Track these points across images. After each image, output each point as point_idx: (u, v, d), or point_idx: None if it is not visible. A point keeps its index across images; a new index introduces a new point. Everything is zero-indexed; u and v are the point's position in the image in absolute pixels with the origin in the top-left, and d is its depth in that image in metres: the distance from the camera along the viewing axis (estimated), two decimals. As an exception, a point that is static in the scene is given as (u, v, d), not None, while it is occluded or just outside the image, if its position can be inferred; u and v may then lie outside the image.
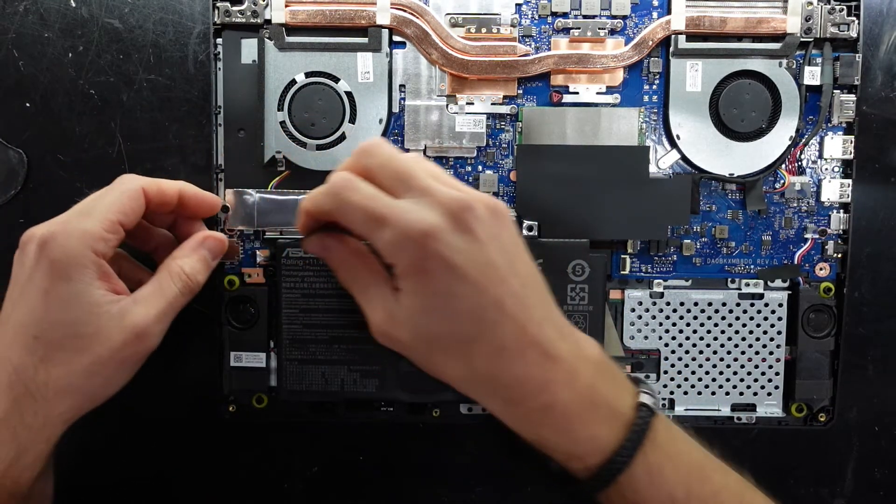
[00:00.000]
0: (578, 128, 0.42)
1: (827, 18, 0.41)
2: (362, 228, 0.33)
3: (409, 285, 0.33)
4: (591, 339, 0.35)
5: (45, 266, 0.33)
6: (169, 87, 0.42)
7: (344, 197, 0.33)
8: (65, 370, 0.34)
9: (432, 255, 0.32)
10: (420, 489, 0.44)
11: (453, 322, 0.33)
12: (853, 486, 0.44)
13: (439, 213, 0.32)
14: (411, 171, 0.33)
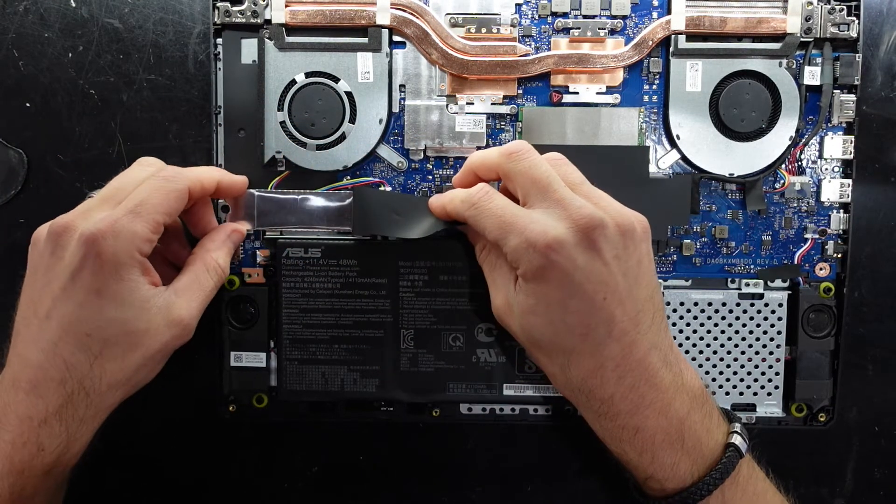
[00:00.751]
0: (578, 128, 0.42)
1: (827, 18, 0.41)
2: (493, 235, 0.35)
3: (526, 286, 0.34)
4: (695, 371, 0.36)
5: (94, 265, 0.33)
6: (169, 87, 0.42)
7: (480, 206, 0.36)
8: (118, 365, 0.34)
9: (552, 265, 0.33)
10: (420, 489, 0.44)
11: (559, 331, 0.34)
12: (853, 486, 0.44)
13: (567, 227, 0.33)
14: (549, 181, 0.35)
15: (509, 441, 0.44)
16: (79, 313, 0.33)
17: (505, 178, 0.36)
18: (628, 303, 0.34)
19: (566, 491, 0.44)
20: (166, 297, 0.35)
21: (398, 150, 0.43)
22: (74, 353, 0.34)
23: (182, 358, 0.43)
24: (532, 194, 0.35)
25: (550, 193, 0.34)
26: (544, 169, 0.35)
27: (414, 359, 0.42)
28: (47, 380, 0.33)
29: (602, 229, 0.33)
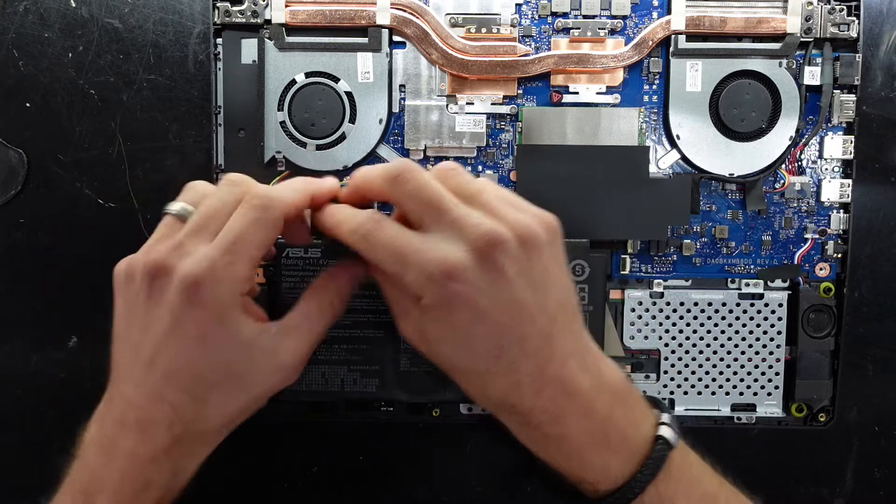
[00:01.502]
0: (578, 128, 0.42)
1: (827, 18, 0.41)
2: (389, 268, 0.33)
3: (432, 316, 0.32)
4: (615, 365, 0.34)
5: (197, 312, 0.32)
6: (169, 87, 0.42)
7: (371, 237, 0.33)
8: (224, 409, 0.34)
9: (455, 295, 0.31)
10: (420, 489, 0.44)
11: (471, 356, 0.33)
12: (853, 486, 0.44)
13: (464, 250, 0.31)
14: (439, 201, 0.32)
15: (509, 441, 0.44)
16: (183, 360, 0.32)
17: (393, 203, 0.34)
18: (539, 317, 0.32)
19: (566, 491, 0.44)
20: (273, 338, 0.34)
21: (398, 150, 0.43)
22: (181, 399, 0.33)
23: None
24: (425, 217, 0.32)
25: (443, 214, 0.32)
26: (433, 188, 0.32)
27: (414, 359, 0.42)
28: (154, 422, 0.33)
29: (501, 246, 0.31)
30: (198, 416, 0.33)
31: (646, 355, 0.44)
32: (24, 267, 0.43)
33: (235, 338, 0.33)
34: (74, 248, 0.43)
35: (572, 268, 0.41)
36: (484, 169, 0.43)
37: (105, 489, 0.33)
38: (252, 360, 0.33)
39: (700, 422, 0.44)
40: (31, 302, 0.43)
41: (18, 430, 0.43)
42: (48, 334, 0.43)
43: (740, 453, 0.44)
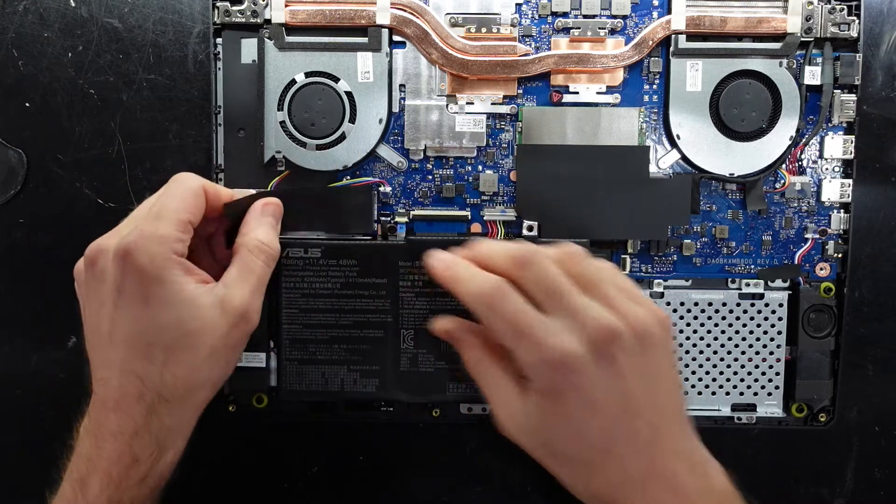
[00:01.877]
0: (578, 128, 0.42)
1: (827, 18, 0.41)
2: (505, 339, 0.34)
3: (540, 402, 0.33)
4: (720, 468, 0.34)
5: (134, 275, 0.34)
6: (169, 87, 0.42)
7: (493, 307, 0.34)
8: (187, 367, 0.35)
9: (569, 384, 0.32)
10: (420, 489, 0.44)
11: (580, 448, 0.33)
12: (853, 486, 0.44)
13: (582, 342, 0.32)
14: (560, 290, 0.33)
15: (509, 441, 0.44)
16: (135, 326, 0.34)
17: (515, 283, 0.34)
18: (648, 411, 0.33)
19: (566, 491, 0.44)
20: (217, 291, 0.35)
21: (398, 149, 0.43)
22: (143, 366, 0.34)
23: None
24: (545, 302, 0.33)
25: (563, 301, 0.33)
26: (553, 277, 0.34)
27: (414, 359, 0.42)
28: (127, 396, 0.34)
29: (618, 340, 0.32)
30: (163, 381, 0.34)
31: (646, 355, 0.44)
32: (24, 267, 0.43)
33: (178, 294, 0.34)
34: (74, 248, 0.42)
35: None
36: (484, 169, 0.43)
37: (97, 471, 0.34)
38: (200, 313, 0.34)
39: (700, 422, 0.43)
40: (31, 302, 0.43)
41: (18, 430, 0.44)
42: (48, 334, 0.43)
43: (740, 453, 0.44)
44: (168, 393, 0.34)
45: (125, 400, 0.34)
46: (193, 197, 0.36)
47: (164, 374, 0.34)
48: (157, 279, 0.34)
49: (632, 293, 0.34)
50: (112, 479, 0.34)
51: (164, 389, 0.34)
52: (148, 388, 0.34)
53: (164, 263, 0.34)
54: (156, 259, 0.34)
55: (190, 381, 0.35)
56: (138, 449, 0.34)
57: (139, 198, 0.42)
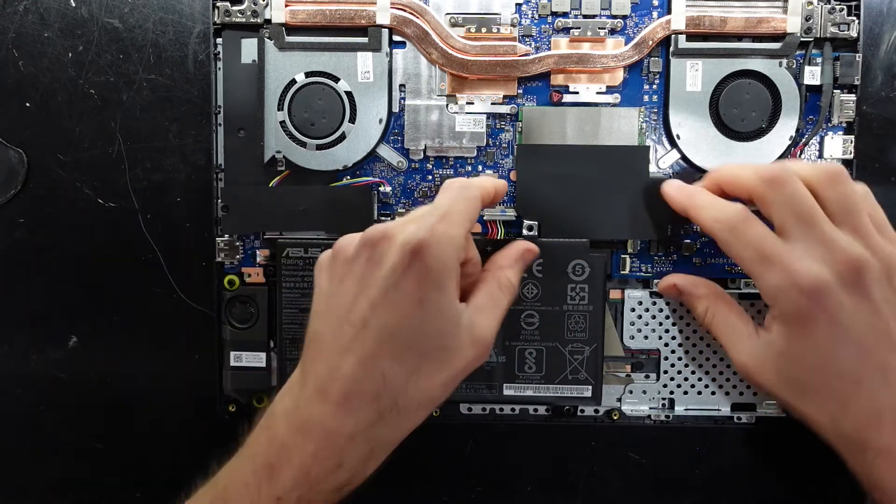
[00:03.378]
0: (578, 128, 0.42)
1: (827, 18, 0.41)
2: (748, 264, 0.33)
3: (786, 331, 0.33)
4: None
5: (419, 273, 0.32)
6: (169, 87, 0.42)
7: (738, 232, 0.34)
8: (429, 383, 0.33)
9: (819, 309, 0.32)
10: (420, 489, 0.44)
11: (829, 379, 0.32)
12: (853, 486, 0.44)
13: (832, 269, 0.32)
14: (813, 216, 0.33)
15: (509, 441, 0.44)
16: (400, 324, 0.32)
17: (760, 203, 0.34)
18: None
19: (566, 491, 0.44)
20: (469, 315, 0.34)
21: (398, 149, 0.43)
22: (391, 366, 0.32)
23: (182, 358, 0.43)
24: (793, 228, 0.33)
25: (813, 229, 0.33)
26: (808, 202, 0.33)
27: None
28: (362, 393, 0.32)
29: (868, 272, 0.32)
30: (405, 389, 0.32)
31: (646, 355, 0.44)
32: (24, 267, 0.43)
33: (447, 307, 0.33)
34: (74, 248, 0.43)
35: (572, 268, 0.41)
36: (484, 169, 0.43)
37: (293, 464, 0.32)
38: (458, 333, 0.33)
39: (700, 422, 0.44)
40: (31, 302, 0.43)
41: (18, 430, 0.43)
42: (48, 334, 0.43)
43: (740, 453, 0.44)
44: (404, 402, 0.32)
45: (357, 397, 0.32)
46: (475, 208, 0.35)
47: (409, 382, 0.32)
48: (438, 284, 0.32)
49: (884, 228, 0.34)
50: (309, 478, 0.32)
51: (401, 398, 0.32)
52: (387, 390, 0.32)
53: (450, 270, 0.32)
54: (444, 263, 0.32)
55: (427, 397, 0.33)
56: (349, 454, 0.32)
57: (139, 198, 0.42)
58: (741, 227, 0.34)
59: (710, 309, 0.37)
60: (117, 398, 0.43)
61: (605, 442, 0.44)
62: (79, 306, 0.43)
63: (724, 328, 0.36)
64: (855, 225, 0.33)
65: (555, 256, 0.41)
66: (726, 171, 0.37)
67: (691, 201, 0.37)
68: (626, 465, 0.44)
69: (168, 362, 0.43)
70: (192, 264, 0.43)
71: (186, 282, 0.43)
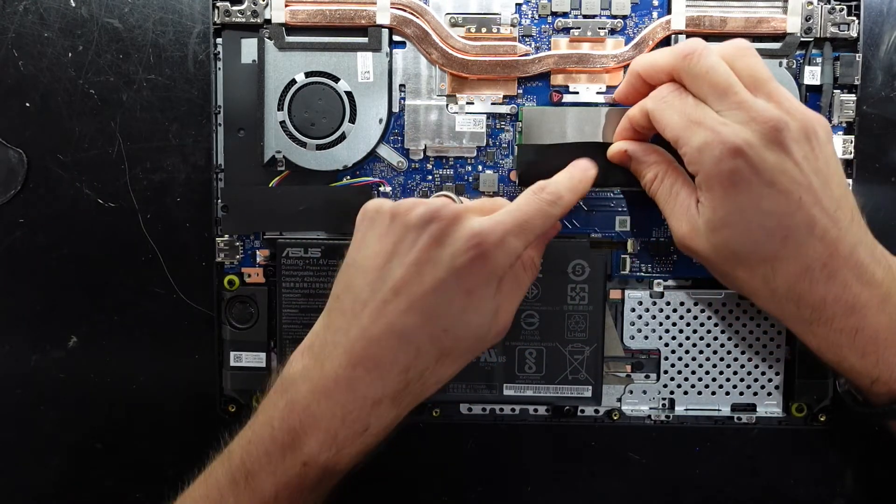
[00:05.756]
0: (578, 127, 0.42)
1: (827, 18, 0.41)
2: (676, 130, 0.34)
3: (713, 196, 0.33)
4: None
5: (477, 268, 0.33)
6: (169, 87, 0.42)
7: (668, 100, 0.35)
8: (455, 366, 0.34)
9: (742, 167, 0.32)
10: (420, 489, 0.44)
11: (758, 238, 0.33)
12: (853, 486, 0.44)
13: (753, 130, 0.32)
14: (728, 83, 0.34)
15: (509, 441, 0.44)
16: (445, 309, 0.32)
17: (680, 79, 0.35)
18: (825, 201, 0.33)
19: (566, 491, 0.44)
20: (498, 301, 0.34)
21: (398, 149, 0.43)
22: (427, 345, 0.33)
23: (182, 358, 0.43)
24: (710, 97, 0.34)
25: (731, 97, 0.33)
26: (723, 71, 0.34)
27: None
28: (394, 364, 0.32)
29: (787, 130, 0.33)
30: (433, 367, 0.33)
31: (646, 355, 0.44)
32: (24, 267, 0.43)
33: (490, 303, 0.33)
34: (74, 248, 0.43)
35: (572, 268, 0.41)
36: (484, 169, 0.43)
37: (319, 428, 0.32)
38: (491, 324, 0.34)
39: (700, 422, 0.44)
40: (31, 302, 0.43)
41: (18, 430, 0.43)
42: (48, 334, 0.43)
43: (740, 453, 0.44)
44: (427, 379, 0.33)
45: (388, 366, 0.32)
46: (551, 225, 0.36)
47: (438, 363, 0.33)
48: (489, 282, 0.33)
49: (793, 98, 0.35)
50: (336, 442, 0.32)
51: (427, 374, 0.33)
52: (417, 365, 0.33)
53: (503, 272, 0.33)
54: (503, 266, 0.33)
55: (448, 375, 0.34)
56: (374, 418, 0.33)
57: (139, 198, 0.42)
58: (670, 96, 0.35)
59: (660, 176, 0.37)
60: (117, 398, 0.43)
61: (605, 442, 0.44)
62: (79, 306, 0.43)
63: (669, 197, 0.36)
64: (769, 91, 0.34)
65: (555, 256, 0.41)
66: (642, 59, 0.38)
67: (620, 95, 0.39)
68: (626, 465, 0.44)
69: (168, 362, 0.43)
70: (192, 264, 0.43)
71: (186, 282, 0.43)
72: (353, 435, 0.32)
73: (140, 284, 0.43)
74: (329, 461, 0.32)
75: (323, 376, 0.33)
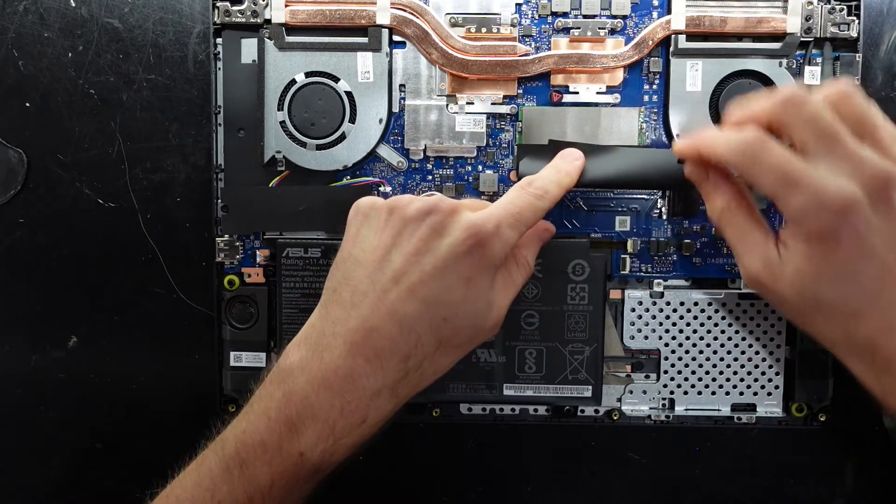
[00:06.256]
0: (578, 127, 0.42)
1: (827, 18, 0.41)
2: (771, 188, 0.32)
3: (808, 249, 0.32)
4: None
5: (476, 256, 0.33)
6: (169, 87, 0.42)
7: (757, 157, 0.32)
8: (453, 356, 0.34)
9: (845, 227, 0.31)
10: (420, 489, 0.44)
11: (847, 294, 0.32)
12: (853, 486, 0.44)
13: (859, 186, 0.31)
14: (835, 133, 0.32)
15: (509, 441, 0.44)
16: (445, 296, 0.33)
17: (779, 126, 0.33)
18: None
19: (566, 491, 0.44)
20: (493, 296, 0.35)
21: (398, 149, 0.43)
22: (427, 334, 0.33)
23: (182, 358, 0.43)
24: (815, 146, 0.32)
25: (837, 147, 0.31)
26: (828, 119, 0.32)
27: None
28: (394, 353, 0.32)
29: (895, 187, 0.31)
30: (432, 357, 0.33)
31: (646, 355, 0.44)
32: (24, 267, 0.43)
33: (488, 293, 0.34)
34: (74, 248, 0.43)
35: (572, 268, 0.41)
36: (484, 169, 0.43)
37: (317, 419, 0.32)
38: (487, 315, 0.34)
39: (700, 422, 0.44)
40: (31, 302, 0.43)
41: (18, 430, 0.44)
42: (48, 334, 0.43)
43: (740, 453, 0.44)
44: (423, 369, 0.33)
45: (390, 355, 0.32)
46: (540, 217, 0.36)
47: (436, 352, 0.33)
48: (488, 272, 0.34)
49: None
50: (334, 433, 0.32)
51: (426, 363, 0.33)
52: (417, 354, 0.33)
53: (499, 262, 0.34)
54: (499, 256, 0.34)
55: (445, 366, 0.34)
56: (374, 409, 0.33)
57: (139, 198, 0.42)
58: (759, 149, 0.32)
59: (733, 207, 0.35)
60: (117, 398, 0.43)
61: (605, 442, 0.44)
62: (79, 306, 0.43)
63: (739, 232, 0.35)
64: (877, 139, 0.32)
65: (555, 256, 0.41)
66: (740, 106, 0.35)
67: (702, 141, 0.35)
68: (626, 465, 0.44)
69: (168, 362, 0.43)
70: (192, 264, 0.43)
71: (186, 282, 0.43)
72: (351, 426, 0.32)
73: (140, 284, 0.43)
74: (326, 452, 0.32)
75: (322, 367, 0.33)
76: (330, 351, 0.33)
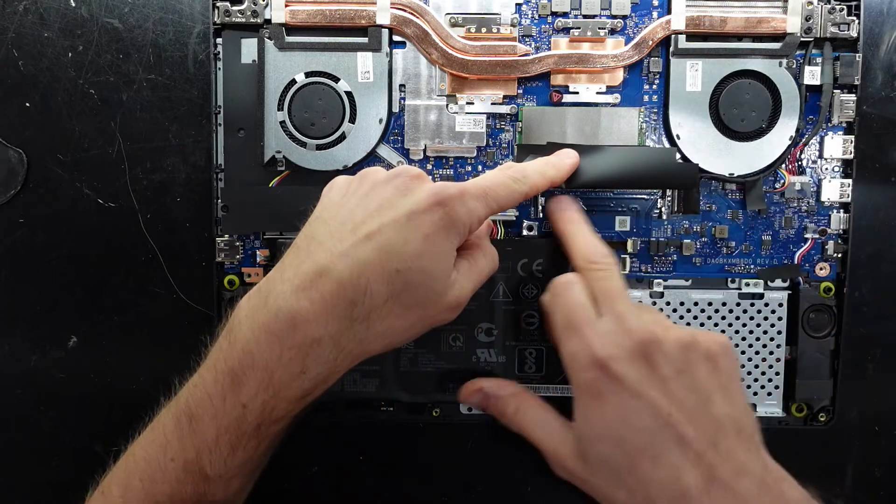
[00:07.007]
0: (578, 127, 0.42)
1: (827, 18, 0.41)
2: (557, 331, 0.35)
3: (583, 405, 0.34)
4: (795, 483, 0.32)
5: (436, 214, 0.33)
6: (169, 87, 0.42)
7: (558, 296, 0.36)
8: (401, 314, 0.33)
9: (609, 382, 0.33)
10: (420, 489, 0.44)
11: (630, 455, 0.32)
12: (853, 486, 0.44)
13: (623, 342, 0.33)
14: (618, 295, 0.35)
15: (509, 441, 0.44)
16: (400, 247, 0.32)
17: (582, 277, 0.37)
18: (704, 423, 0.32)
19: (566, 491, 0.44)
20: (455, 275, 0.35)
21: (398, 149, 0.43)
22: (378, 282, 0.32)
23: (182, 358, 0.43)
24: (602, 302, 0.35)
25: (615, 305, 0.35)
26: (617, 284, 0.36)
27: (414, 359, 0.42)
28: (340, 296, 0.32)
29: (657, 345, 0.33)
30: (380, 309, 0.33)
31: (646, 355, 0.44)
32: (24, 267, 0.43)
33: (445, 258, 0.34)
34: (74, 248, 0.43)
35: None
36: (484, 169, 0.43)
37: (257, 368, 0.32)
38: (444, 283, 0.34)
39: (700, 422, 0.44)
40: (31, 302, 0.43)
41: (18, 430, 0.43)
42: (48, 334, 0.43)
43: (740, 453, 0.44)
44: (372, 321, 0.33)
45: (336, 299, 0.32)
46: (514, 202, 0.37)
47: (385, 304, 0.32)
48: (447, 234, 0.33)
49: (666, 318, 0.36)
50: (273, 383, 0.32)
51: (374, 315, 0.32)
52: (364, 302, 0.32)
53: (461, 228, 0.34)
54: (460, 221, 0.34)
55: (392, 326, 0.33)
56: (312, 360, 0.32)
57: (139, 198, 0.42)
58: (562, 292, 0.36)
59: (521, 406, 0.38)
60: (117, 398, 0.43)
61: (605, 442, 0.44)
62: (79, 306, 0.43)
63: (535, 423, 0.37)
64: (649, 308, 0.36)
65: (555, 257, 0.41)
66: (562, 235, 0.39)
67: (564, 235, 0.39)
68: (626, 465, 0.44)
69: (168, 362, 0.43)
70: (192, 264, 0.43)
71: (186, 282, 0.43)
72: (291, 376, 0.32)
73: (140, 284, 0.43)
74: (266, 404, 0.32)
75: (266, 312, 0.32)
76: (275, 296, 0.32)
